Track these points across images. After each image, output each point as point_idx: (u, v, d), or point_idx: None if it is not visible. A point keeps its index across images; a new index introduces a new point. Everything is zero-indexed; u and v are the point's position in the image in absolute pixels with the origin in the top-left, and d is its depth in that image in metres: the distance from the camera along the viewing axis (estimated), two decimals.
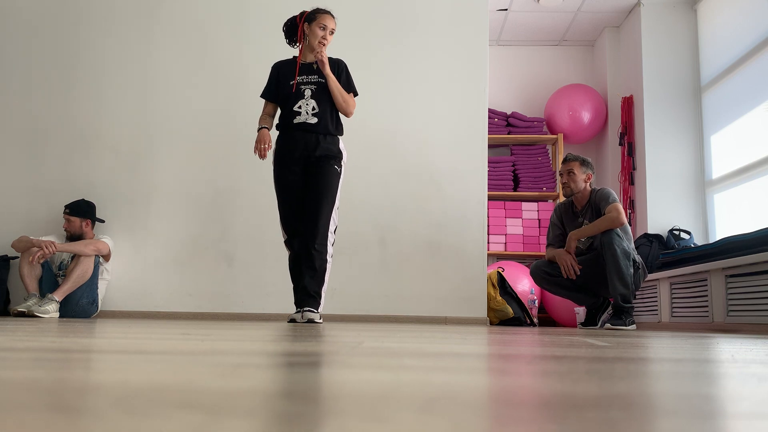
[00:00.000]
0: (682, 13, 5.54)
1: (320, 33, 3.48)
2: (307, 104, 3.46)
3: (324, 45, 3.48)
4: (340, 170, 3.48)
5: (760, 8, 4.57)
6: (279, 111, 3.57)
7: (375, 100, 4.63)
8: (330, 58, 3.55)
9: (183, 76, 4.75)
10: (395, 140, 4.64)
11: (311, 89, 3.50)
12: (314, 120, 3.43)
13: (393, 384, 0.67)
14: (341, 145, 3.51)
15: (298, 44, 3.59)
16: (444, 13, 4.80)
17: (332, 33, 3.54)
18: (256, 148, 3.46)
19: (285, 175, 3.46)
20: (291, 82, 3.52)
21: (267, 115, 3.60)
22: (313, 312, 3.26)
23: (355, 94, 3.58)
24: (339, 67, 3.57)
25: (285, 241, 3.48)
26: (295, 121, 3.44)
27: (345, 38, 4.67)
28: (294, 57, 3.61)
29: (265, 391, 0.61)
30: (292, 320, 3.33)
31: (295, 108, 3.46)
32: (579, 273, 3.99)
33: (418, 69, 4.74)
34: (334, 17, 3.56)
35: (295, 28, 3.58)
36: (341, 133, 3.53)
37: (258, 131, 3.50)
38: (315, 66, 3.52)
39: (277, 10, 4.77)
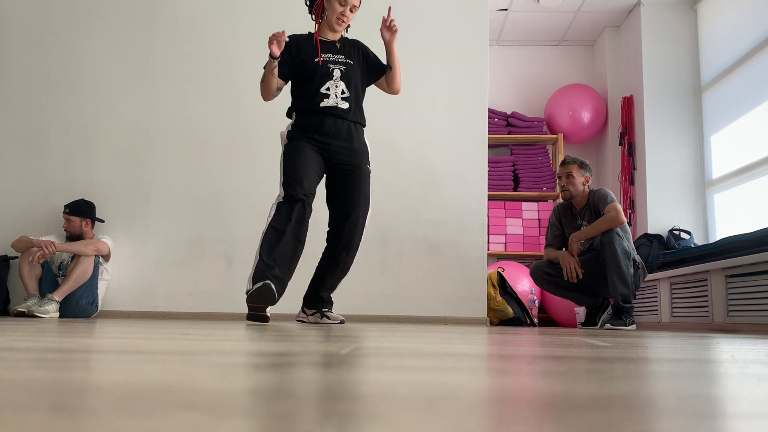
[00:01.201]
0: (682, 13, 5.54)
1: (339, 9, 3.06)
2: (336, 86, 3.08)
3: (342, 22, 3.10)
4: (370, 168, 3.19)
5: (760, 8, 4.57)
6: (292, 91, 3.20)
7: (375, 99, 4.62)
8: (348, 39, 3.25)
9: (183, 75, 4.75)
10: (395, 140, 4.64)
11: (340, 70, 3.11)
12: (345, 105, 3.08)
13: (393, 384, 0.67)
14: (365, 137, 3.23)
15: (316, 18, 3.19)
16: (444, 13, 4.80)
17: (353, 10, 3.11)
18: (271, 39, 2.92)
19: (305, 145, 3.04)
20: (316, 59, 3.08)
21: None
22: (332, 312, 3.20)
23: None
24: (361, 48, 3.23)
25: (285, 198, 2.95)
26: (323, 104, 3.05)
27: None
28: (310, 33, 3.20)
29: (265, 391, 0.61)
30: (301, 320, 3.27)
31: (323, 89, 3.06)
32: (581, 277, 3.99)
33: (418, 69, 4.74)
34: None
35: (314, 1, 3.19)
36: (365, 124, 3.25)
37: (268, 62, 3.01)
38: (338, 45, 3.17)
39: (278, 10, 4.77)
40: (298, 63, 3.09)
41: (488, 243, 5.09)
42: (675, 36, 5.53)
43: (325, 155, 3.10)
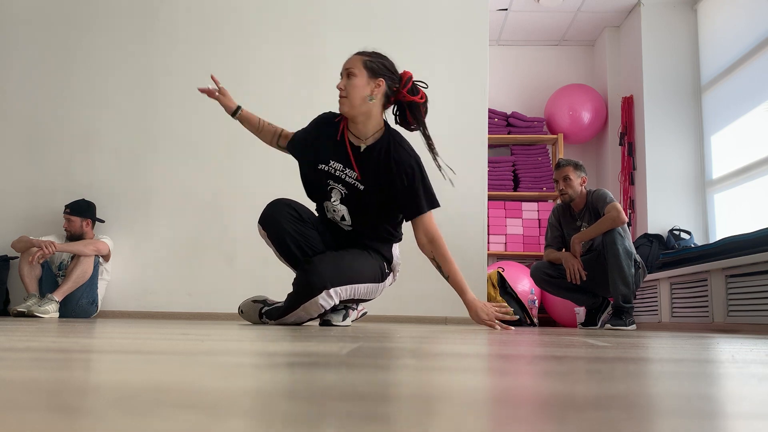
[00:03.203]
0: (682, 13, 5.55)
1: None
2: (335, 210, 2.69)
3: (343, 99, 2.62)
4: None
5: (760, 8, 4.57)
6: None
7: None
8: (391, 145, 2.64)
9: (183, 75, 4.75)
10: None
11: (341, 193, 2.65)
12: (348, 227, 2.73)
13: (393, 384, 0.67)
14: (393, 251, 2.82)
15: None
16: (444, 12, 4.80)
17: (351, 76, 2.61)
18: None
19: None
20: (320, 166, 2.66)
21: (266, 123, 2.89)
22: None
23: (432, 207, 2.71)
24: (398, 172, 2.60)
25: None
26: (329, 216, 2.75)
27: (344, 38, 4.67)
28: (338, 119, 2.70)
29: (265, 391, 0.61)
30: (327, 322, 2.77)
31: (325, 203, 2.73)
32: (585, 279, 3.98)
33: (418, 69, 4.71)
34: (358, 55, 2.69)
35: None
36: (396, 240, 2.83)
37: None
38: (361, 149, 2.63)
39: (279, 11, 4.77)
40: (311, 160, 2.71)
41: (488, 243, 5.09)
42: (675, 36, 5.53)
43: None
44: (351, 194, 2.63)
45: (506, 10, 5.81)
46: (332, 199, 2.67)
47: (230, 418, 0.44)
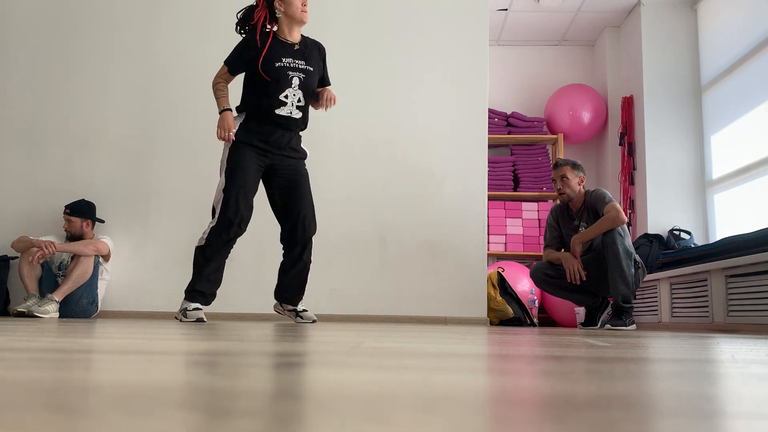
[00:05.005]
0: (682, 13, 5.54)
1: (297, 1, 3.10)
2: (294, 95, 3.11)
3: (306, 12, 3.15)
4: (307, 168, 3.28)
5: (760, 8, 4.57)
6: (245, 87, 3.22)
7: (375, 99, 4.63)
8: (308, 38, 3.26)
9: (183, 75, 4.75)
10: (395, 140, 4.64)
11: (299, 78, 3.12)
12: (298, 114, 3.13)
13: (393, 384, 0.67)
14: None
15: (265, 23, 3.17)
16: (444, 13, 4.80)
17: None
18: (220, 133, 3.07)
19: (249, 156, 3.09)
20: (278, 64, 3.08)
21: (226, 90, 3.20)
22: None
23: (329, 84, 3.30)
24: (321, 53, 3.25)
25: (221, 227, 3.08)
26: (278, 111, 3.09)
27: (345, 38, 4.67)
28: (266, 31, 3.15)
29: (265, 391, 0.61)
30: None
31: (281, 96, 3.08)
32: (585, 279, 3.97)
33: (418, 69, 4.74)
34: None
35: (253, 9, 3.17)
36: None
37: (221, 113, 3.11)
38: (298, 47, 3.15)
39: None
40: (264, 65, 3.08)
41: (488, 243, 5.10)
42: (675, 36, 5.53)
43: (265, 163, 3.16)
44: (306, 77, 3.13)
45: (506, 10, 5.81)
46: (293, 85, 3.10)
47: (230, 418, 0.44)
